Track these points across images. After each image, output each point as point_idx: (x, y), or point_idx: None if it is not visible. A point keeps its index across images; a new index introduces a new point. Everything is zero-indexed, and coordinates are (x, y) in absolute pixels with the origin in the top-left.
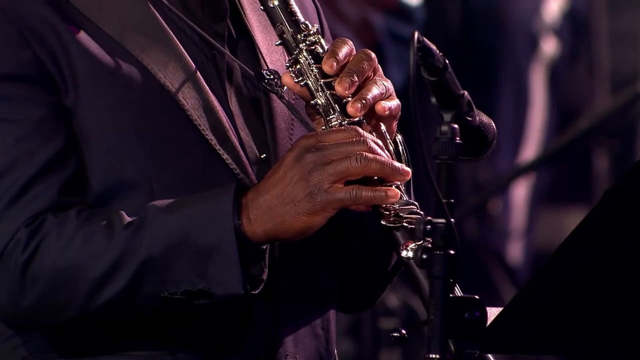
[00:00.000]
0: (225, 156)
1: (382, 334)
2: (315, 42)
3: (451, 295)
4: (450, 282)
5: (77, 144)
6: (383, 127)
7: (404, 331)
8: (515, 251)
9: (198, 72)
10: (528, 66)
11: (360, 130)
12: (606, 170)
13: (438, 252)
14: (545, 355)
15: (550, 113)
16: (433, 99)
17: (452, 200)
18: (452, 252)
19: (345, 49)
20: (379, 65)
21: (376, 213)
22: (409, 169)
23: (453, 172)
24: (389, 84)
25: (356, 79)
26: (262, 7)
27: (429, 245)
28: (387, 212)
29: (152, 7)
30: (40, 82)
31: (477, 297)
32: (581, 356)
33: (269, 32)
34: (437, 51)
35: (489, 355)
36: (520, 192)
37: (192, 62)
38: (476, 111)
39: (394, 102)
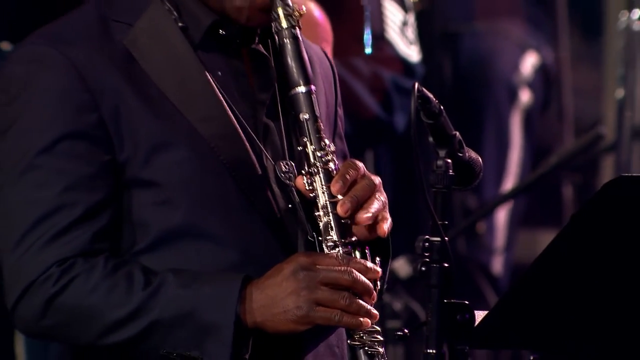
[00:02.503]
0: (260, 206)
1: (388, 333)
2: (329, 160)
3: (445, 300)
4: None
5: (119, 198)
6: (367, 250)
7: (406, 330)
8: (497, 264)
9: (242, 134)
10: (508, 113)
11: (349, 260)
12: (571, 198)
13: (434, 265)
14: (522, 349)
15: (526, 152)
16: (430, 138)
17: (446, 222)
18: (446, 265)
19: (352, 172)
20: (380, 181)
21: (347, 331)
22: (376, 314)
23: (447, 199)
24: (384, 196)
25: (357, 203)
26: (293, 112)
27: (427, 260)
28: (355, 333)
29: (209, 76)
30: (97, 142)
31: (466, 302)
32: (551, 350)
33: None
34: (434, 99)
35: None
36: (502, 215)
37: (237, 126)
38: (466, 148)
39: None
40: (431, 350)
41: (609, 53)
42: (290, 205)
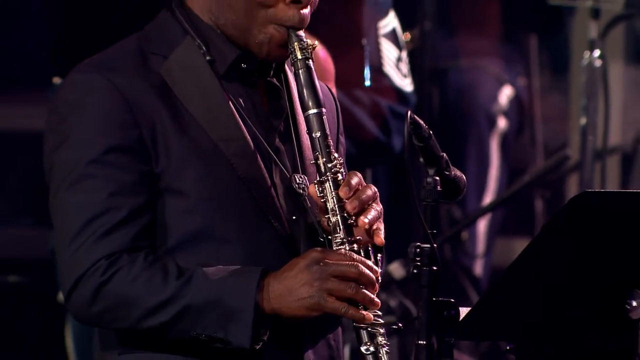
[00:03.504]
0: (270, 216)
1: (384, 326)
2: (338, 171)
3: (434, 298)
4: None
5: (154, 204)
6: (370, 247)
7: (400, 324)
8: (478, 267)
9: (257, 154)
10: (487, 137)
11: (355, 256)
12: (542, 210)
13: (424, 268)
14: (500, 340)
15: (503, 170)
16: (421, 159)
17: (435, 231)
18: (434, 268)
19: (356, 180)
20: (376, 188)
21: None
22: (378, 302)
23: (435, 211)
24: (380, 206)
25: (361, 204)
26: (307, 132)
27: (419, 263)
28: None
29: (230, 103)
30: (138, 155)
31: (452, 300)
32: (523, 340)
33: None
34: (424, 125)
35: None
36: (482, 225)
37: (253, 147)
38: (452, 168)
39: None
40: (422, 342)
41: (573, 86)
42: (294, 217)
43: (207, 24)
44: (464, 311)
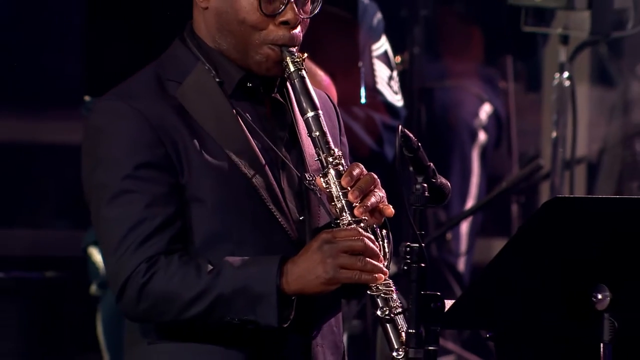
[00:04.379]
0: (279, 218)
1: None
2: (338, 163)
3: (422, 292)
4: (422, 285)
5: (183, 211)
6: (375, 225)
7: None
8: (461, 264)
9: (266, 163)
10: (469, 149)
11: (361, 231)
12: (517, 214)
13: (414, 265)
14: (480, 329)
15: (483, 178)
16: (411, 168)
17: (422, 232)
18: (422, 265)
19: (358, 171)
20: (378, 179)
21: (365, 285)
22: (387, 271)
23: (423, 214)
24: (382, 192)
25: (362, 193)
26: (308, 134)
27: (408, 261)
28: (372, 285)
29: (239, 119)
30: (165, 169)
31: (438, 293)
32: (501, 329)
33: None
34: (413, 138)
35: None
36: (465, 226)
37: (261, 156)
38: (438, 176)
39: (383, 203)
40: (411, 330)
41: (545, 104)
42: (302, 218)
43: (214, 49)
44: (448, 303)
